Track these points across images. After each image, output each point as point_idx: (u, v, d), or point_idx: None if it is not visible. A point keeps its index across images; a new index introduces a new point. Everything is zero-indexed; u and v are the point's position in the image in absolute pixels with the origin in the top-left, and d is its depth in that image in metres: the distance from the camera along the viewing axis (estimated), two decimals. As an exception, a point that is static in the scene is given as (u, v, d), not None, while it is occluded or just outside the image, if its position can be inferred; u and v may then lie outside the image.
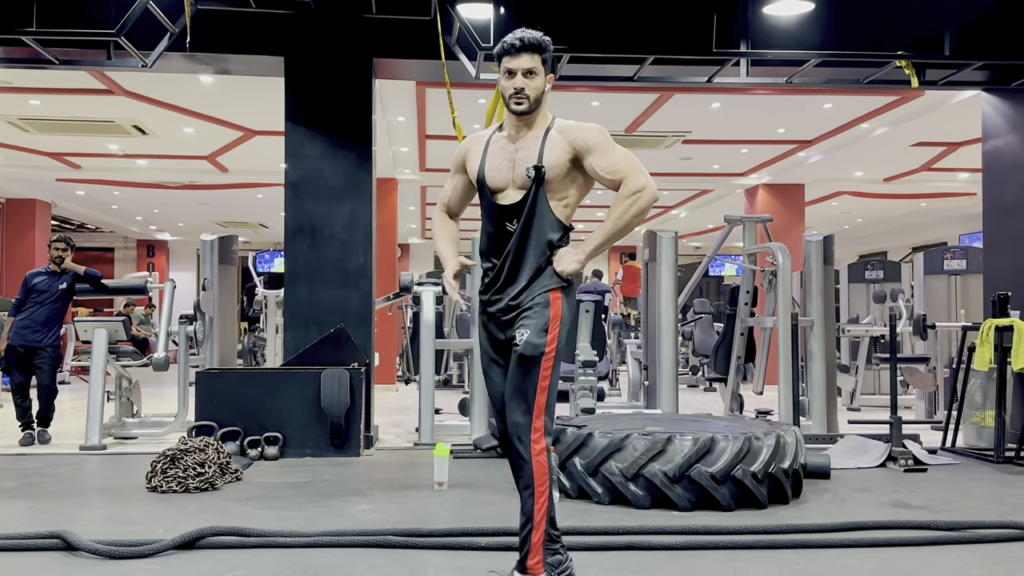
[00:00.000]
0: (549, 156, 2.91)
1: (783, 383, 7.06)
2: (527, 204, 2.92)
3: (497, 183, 2.98)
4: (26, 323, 7.27)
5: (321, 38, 6.94)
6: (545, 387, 2.87)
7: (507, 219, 2.96)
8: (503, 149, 2.99)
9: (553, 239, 2.95)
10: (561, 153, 2.92)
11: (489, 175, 2.98)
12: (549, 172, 2.90)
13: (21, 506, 4.73)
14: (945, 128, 10.60)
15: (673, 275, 7.67)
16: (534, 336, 2.87)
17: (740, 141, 11.71)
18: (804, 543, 3.88)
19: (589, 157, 2.93)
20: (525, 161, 2.92)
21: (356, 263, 6.90)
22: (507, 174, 2.96)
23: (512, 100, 2.93)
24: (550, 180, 2.92)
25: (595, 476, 4.76)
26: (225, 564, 3.55)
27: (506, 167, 2.96)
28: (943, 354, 8.72)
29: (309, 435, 6.41)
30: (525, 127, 2.98)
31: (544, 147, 2.92)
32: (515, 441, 2.86)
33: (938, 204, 16.40)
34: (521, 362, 2.88)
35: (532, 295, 2.93)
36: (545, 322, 2.88)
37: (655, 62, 6.81)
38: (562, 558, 3.05)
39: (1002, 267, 7.62)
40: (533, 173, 2.89)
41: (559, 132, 2.95)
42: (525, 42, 2.91)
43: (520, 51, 2.92)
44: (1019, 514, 4.45)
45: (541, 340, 2.87)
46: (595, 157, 2.92)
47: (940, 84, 7.27)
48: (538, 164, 2.89)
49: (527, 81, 2.91)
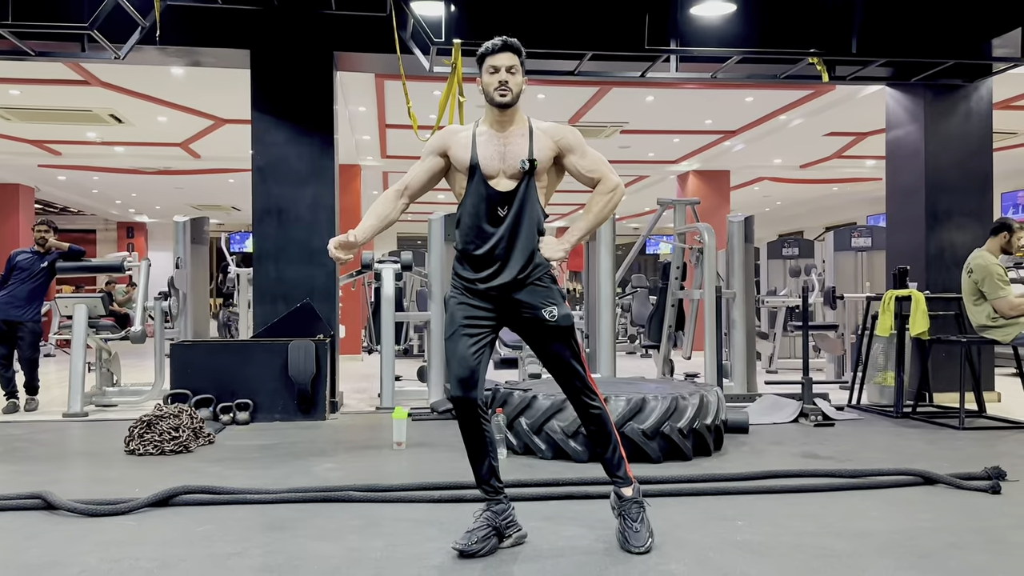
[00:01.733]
0: (539, 152, 3.03)
1: (708, 349, 7.16)
2: (520, 192, 3.01)
3: (489, 171, 3.02)
4: (8, 299, 7.08)
5: (284, 32, 6.80)
6: (580, 347, 3.09)
7: (499, 204, 3.02)
8: (491, 141, 3.05)
9: (541, 222, 3.07)
10: (547, 150, 3.05)
11: (483, 163, 3.02)
12: (539, 165, 3.03)
13: (5, 469, 4.61)
14: (854, 120, 10.77)
15: (612, 253, 7.69)
16: (563, 309, 3.04)
17: (672, 131, 11.77)
18: (724, 490, 3.94)
19: (571, 156, 3.09)
20: (515, 154, 3.01)
21: (320, 243, 6.80)
22: (498, 164, 3.02)
23: (497, 92, 2.99)
24: (538, 172, 3.04)
25: (539, 434, 4.79)
26: (197, 519, 3.50)
27: (497, 157, 3.02)
28: (850, 322, 8.90)
29: (278, 401, 6.34)
30: (508, 123, 3.05)
31: (533, 143, 3.03)
32: (585, 399, 3.08)
33: (848, 188, 16.69)
34: (559, 333, 3.03)
35: (538, 274, 3.04)
36: (564, 296, 3.09)
37: (593, 58, 6.80)
38: (505, 506, 3.08)
39: (902, 244, 7.79)
40: (527, 165, 2.99)
41: (542, 132, 3.07)
42: (507, 43, 3.03)
43: (503, 50, 3.02)
44: (913, 462, 4.57)
45: (569, 311, 3.07)
46: (577, 156, 3.09)
47: (848, 79, 7.37)
48: (531, 158, 3.00)
49: (510, 76, 3.00)
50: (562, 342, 3.04)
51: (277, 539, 3.21)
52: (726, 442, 5.15)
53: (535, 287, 3.03)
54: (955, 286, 7.07)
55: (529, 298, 3.02)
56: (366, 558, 2.97)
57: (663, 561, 2.92)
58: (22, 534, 3.30)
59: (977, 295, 6.04)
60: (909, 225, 7.70)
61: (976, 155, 7.55)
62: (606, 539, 3.17)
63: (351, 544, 3.13)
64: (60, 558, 2.98)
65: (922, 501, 3.79)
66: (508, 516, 3.08)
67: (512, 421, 4.91)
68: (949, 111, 7.54)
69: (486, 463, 3.05)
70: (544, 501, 3.77)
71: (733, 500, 3.81)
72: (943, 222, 7.51)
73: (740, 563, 2.90)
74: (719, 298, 7.23)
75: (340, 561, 2.94)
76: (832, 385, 8.37)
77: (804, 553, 3.01)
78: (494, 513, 3.05)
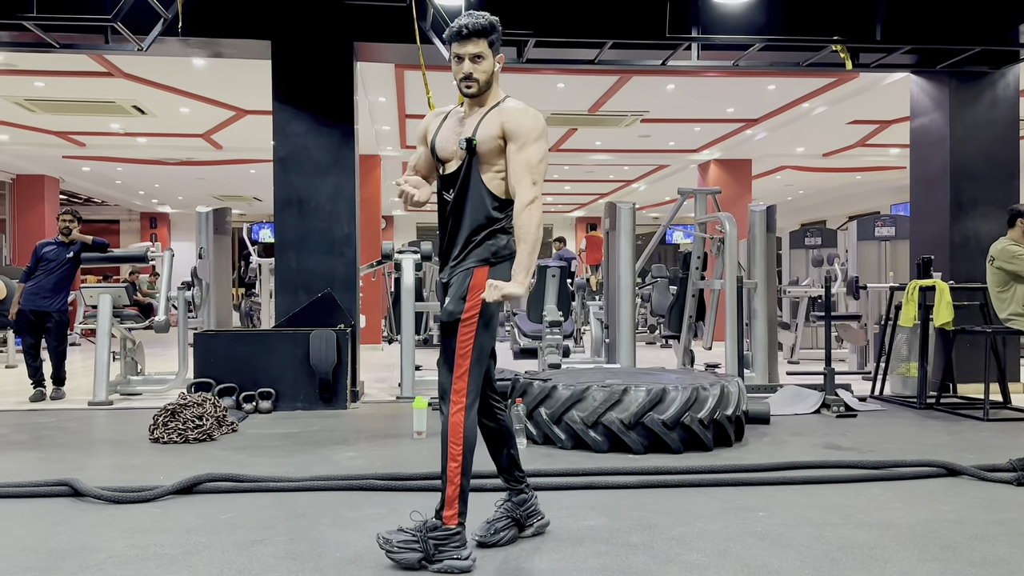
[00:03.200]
0: (482, 131, 2.82)
1: (729, 339, 7.12)
2: (460, 173, 2.84)
3: (445, 154, 2.91)
4: (35, 289, 7.17)
5: (305, 23, 6.82)
6: (465, 352, 2.76)
7: (446, 188, 2.90)
8: (454, 123, 2.93)
9: (490, 209, 2.82)
10: (492, 130, 2.81)
11: (439, 146, 2.92)
12: (481, 146, 2.81)
13: (33, 457, 4.69)
14: (878, 107, 10.64)
15: (631, 243, 7.67)
16: (451, 304, 2.80)
17: (693, 120, 11.68)
18: (744, 481, 3.93)
19: (510, 144, 2.80)
20: (465, 135, 2.85)
21: (341, 233, 6.85)
22: (453, 146, 2.89)
23: (463, 84, 2.84)
24: (482, 153, 2.82)
25: (559, 424, 4.79)
26: (221, 507, 3.55)
27: (453, 139, 2.89)
28: (873, 312, 8.83)
29: (300, 390, 6.40)
30: (477, 105, 2.90)
31: (481, 123, 2.84)
32: (440, 399, 2.81)
33: (872, 177, 16.51)
34: (441, 328, 2.87)
35: (464, 267, 2.83)
36: (464, 290, 2.78)
37: (614, 46, 6.77)
38: (527, 496, 3.08)
39: (927, 233, 7.70)
40: (465, 145, 2.81)
41: (499, 111, 2.85)
42: (471, 28, 2.79)
43: (467, 38, 2.80)
44: (936, 454, 4.54)
45: (457, 307, 2.78)
46: (513, 146, 2.79)
47: (872, 67, 7.28)
48: (470, 137, 2.81)
49: (475, 66, 2.82)
50: (443, 336, 2.84)
51: (299, 526, 3.25)
52: (747, 433, 5.13)
53: (459, 276, 2.83)
54: (980, 276, 6.99)
55: (451, 289, 2.86)
56: (387, 546, 2.99)
57: (684, 552, 2.92)
58: (50, 520, 3.36)
59: (1001, 285, 5.96)
60: (934, 214, 7.61)
61: (1002, 143, 7.44)
62: (626, 528, 3.18)
63: (372, 532, 3.15)
64: (88, 544, 3.03)
65: (945, 493, 3.76)
66: (529, 506, 3.08)
67: (532, 411, 4.92)
68: (975, 98, 7.43)
69: (504, 452, 3.03)
70: (564, 491, 3.78)
71: (754, 491, 3.80)
72: (968, 211, 7.42)
73: (761, 554, 2.90)
74: (740, 288, 7.19)
75: (362, 548, 2.96)
76: (855, 376, 8.31)
77: (826, 544, 3.00)
78: (514, 504, 3.05)
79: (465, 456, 2.75)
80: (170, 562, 2.83)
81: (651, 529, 3.18)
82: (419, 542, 2.72)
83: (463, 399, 2.75)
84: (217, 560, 2.86)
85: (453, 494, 2.73)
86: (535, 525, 3.09)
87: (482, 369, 2.82)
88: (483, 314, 2.78)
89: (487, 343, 2.83)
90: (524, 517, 3.07)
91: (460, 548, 2.72)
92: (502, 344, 11.79)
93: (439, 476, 2.87)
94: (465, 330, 2.77)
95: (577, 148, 13.81)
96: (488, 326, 2.81)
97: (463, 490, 2.75)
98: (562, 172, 16.54)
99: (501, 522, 3.01)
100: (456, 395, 2.76)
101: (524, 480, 3.10)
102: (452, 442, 2.73)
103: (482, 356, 2.81)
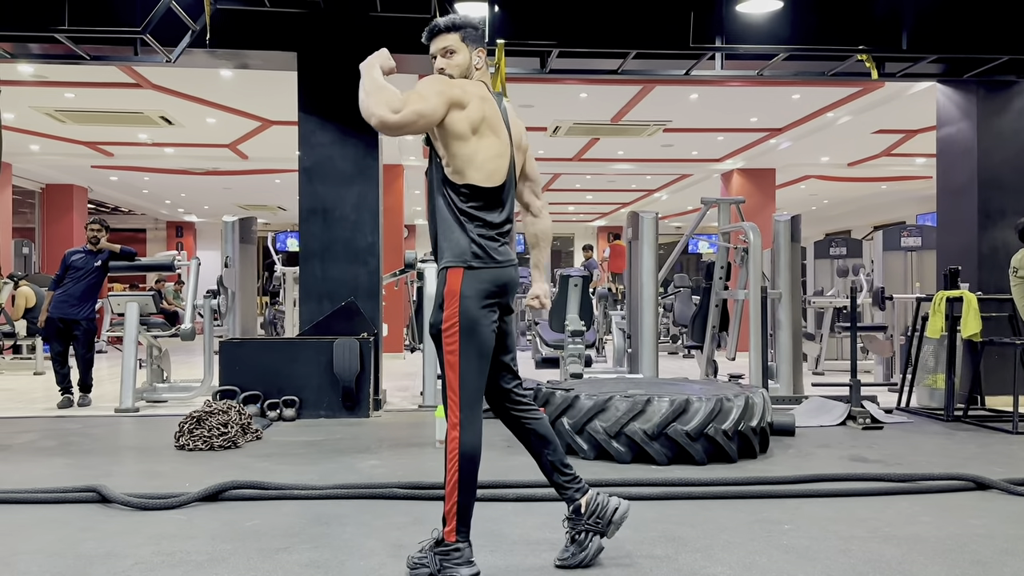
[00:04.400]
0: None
1: (753, 350, 7.06)
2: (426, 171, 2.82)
3: None
4: (64, 297, 7.26)
5: (331, 35, 6.88)
6: (452, 362, 2.64)
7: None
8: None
9: (448, 198, 2.71)
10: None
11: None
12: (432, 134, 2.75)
13: (60, 463, 4.74)
14: (903, 117, 10.55)
15: (654, 252, 7.64)
16: (432, 314, 2.73)
17: (716, 129, 11.65)
18: (769, 493, 3.90)
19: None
20: None
21: (365, 242, 6.88)
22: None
23: None
24: (434, 141, 2.76)
25: (581, 434, 4.78)
26: (246, 514, 3.57)
27: None
28: (899, 323, 8.73)
29: (323, 398, 6.43)
30: None
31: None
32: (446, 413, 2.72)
33: (897, 187, 16.36)
34: (432, 339, 2.76)
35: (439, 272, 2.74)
36: (441, 299, 2.68)
37: (637, 56, 6.76)
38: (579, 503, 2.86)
39: (953, 244, 7.62)
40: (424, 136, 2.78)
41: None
42: (438, 27, 2.83)
43: (434, 36, 2.84)
44: (965, 467, 4.48)
45: (437, 317, 2.69)
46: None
47: (898, 76, 7.22)
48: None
49: (447, 60, 2.82)
50: (437, 347, 2.73)
51: (323, 534, 3.26)
52: (772, 444, 5.09)
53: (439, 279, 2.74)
54: (1008, 287, 6.89)
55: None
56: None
57: (709, 564, 2.90)
58: (78, 526, 3.39)
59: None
60: (960, 224, 7.53)
61: (1031, 153, 7.35)
62: (650, 541, 3.16)
63: (396, 540, 3.16)
64: (115, 550, 3.06)
65: (974, 507, 3.70)
66: (591, 511, 2.83)
67: (554, 421, 4.90)
68: (1002, 108, 7.35)
69: (542, 459, 2.88)
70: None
71: (780, 503, 3.77)
72: (996, 221, 7.33)
73: (787, 567, 2.87)
74: (764, 298, 7.14)
75: (385, 556, 2.97)
76: (881, 387, 8.22)
77: (852, 558, 2.97)
78: (569, 521, 2.87)
79: (461, 471, 2.63)
80: (196, 568, 2.85)
81: (675, 541, 3.16)
82: (427, 557, 2.69)
83: (456, 414, 2.65)
84: (242, 567, 2.87)
85: (450, 510, 2.66)
86: (613, 518, 2.83)
87: (476, 379, 2.67)
88: (465, 324, 2.65)
89: (474, 351, 2.67)
90: (587, 528, 2.84)
91: (460, 565, 2.64)
92: (523, 353, 11.78)
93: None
94: (447, 340, 2.66)
95: (599, 158, 13.81)
96: (473, 333, 2.67)
97: (460, 506, 2.65)
98: (584, 182, 16.53)
99: (567, 551, 2.86)
100: (449, 409, 2.66)
101: (572, 484, 2.86)
102: (448, 457, 2.65)
103: (471, 366, 2.65)
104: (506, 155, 2.79)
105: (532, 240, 3.07)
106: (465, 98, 2.71)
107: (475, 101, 2.73)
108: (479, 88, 2.80)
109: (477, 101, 2.73)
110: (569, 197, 19.16)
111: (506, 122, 2.83)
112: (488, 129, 2.73)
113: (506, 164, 2.79)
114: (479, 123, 2.71)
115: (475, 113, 2.71)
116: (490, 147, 2.73)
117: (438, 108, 2.66)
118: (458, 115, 2.69)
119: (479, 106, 2.73)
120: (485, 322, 2.69)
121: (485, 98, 2.78)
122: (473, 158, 2.70)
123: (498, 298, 2.73)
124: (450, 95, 2.69)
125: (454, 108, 2.69)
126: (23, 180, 14.60)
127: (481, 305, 2.67)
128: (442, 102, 2.66)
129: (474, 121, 2.70)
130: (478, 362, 2.68)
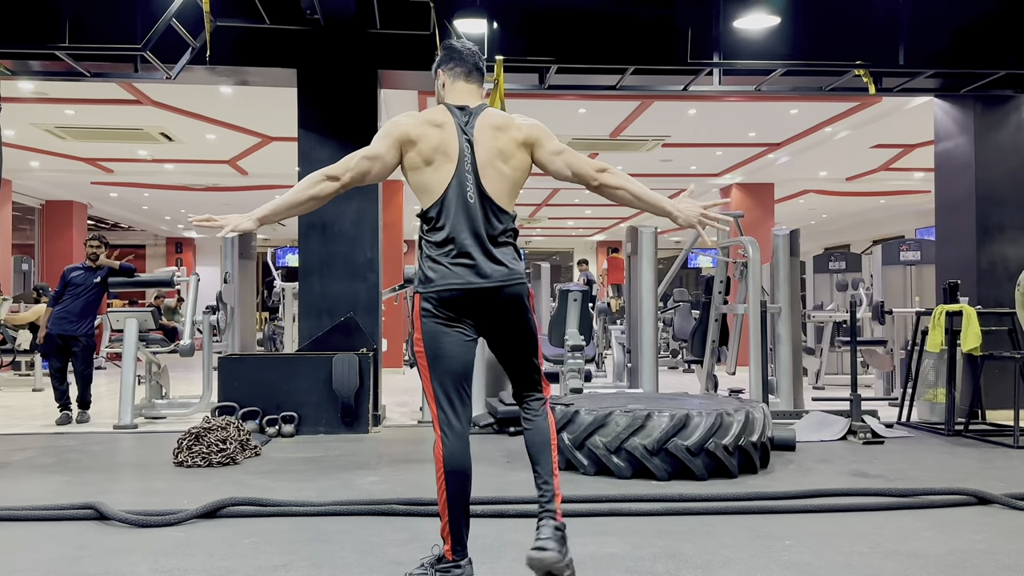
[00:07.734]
0: None
1: (753, 364, 7.05)
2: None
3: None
4: (63, 314, 7.26)
5: (330, 52, 6.91)
6: (424, 379, 2.74)
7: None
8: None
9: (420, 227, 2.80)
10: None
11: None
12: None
13: (59, 480, 4.72)
14: (901, 131, 10.59)
15: (653, 267, 7.66)
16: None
17: (715, 144, 11.69)
18: (770, 508, 3.89)
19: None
20: None
21: (364, 257, 6.89)
22: None
23: None
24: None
25: (581, 450, 4.76)
26: (244, 531, 3.55)
27: None
28: (899, 337, 8.72)
29: (322, 414, 6.41)
30: None
31: None
32: None
33: (896, 201, 16.40)
34: None
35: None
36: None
37: (635, 72, 6.80)
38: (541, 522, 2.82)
39: (952, 258, 7.63)
40: None
41: None
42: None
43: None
44: (966, 481, 4.46)
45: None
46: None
47: (895, 91, 7.25)
48: None
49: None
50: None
51: (322, 551, 3.24)
52: (772, 459, 5.07)
53: None
54: (1008, 301, 6.89)
55: None
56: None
57: (709, 580, 2.88)
58: (75, 544, 3.38)
59: (1031, 310, 5.88)
60: (959, 238, 7.54)
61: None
62: (651, 557, 3.15)
63: (394, 557, 3.14)
64: (112, 568, 3.05)
65: (976, 521, 3.69)
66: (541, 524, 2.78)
67: (554, 436, 4.89)
68: (1000, 123, 7.38)
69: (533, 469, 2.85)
70: (587, 518, 3.74)
71: (780, 519, 3.75)
72: (995, 235, 7.35)
73: (788, 583, 2.85)
74: (764, 313, 7.14)
75: (384, 574, 2.95)
76: (881, 402, 8.20)
77: (854, 574, 2.95)
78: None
79: (448, 488, 2.68)
80: (194, 586, 2.84)
81: (676, 558, 3.15)
82: (427, 574, 2.71)
83: (436, 428, 2.72)
84: (240, 585, 2.86)
85: (443, 529, 2.71)
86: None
87: (446, 394, 2.70)
88: (426, 344, 2.72)
89: (442, 367, 2.70)
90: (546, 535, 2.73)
91: None
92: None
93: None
94: (418, 362, 2.77)
95: (598, 173, 13.81)
96: (437, 350, 2.69)
97: (451, 524, 2.69)
98: (583, 196, 16.56)
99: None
100: (433, 428, 2.74)
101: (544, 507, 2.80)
102: (436, 475, 2.73)
103: (439, 381, 2.70)
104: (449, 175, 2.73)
105: (626, 198, 3.01)
106: (413, 132, 2.75)
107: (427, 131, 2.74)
108: (436, 114, 2.80)
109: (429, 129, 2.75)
110: (568, 212, 19.20)
111: (468, 137, 2.75)
112: (442, 156, 2.74)
113: (444, 182, 2.73)
114: (432, 154, 2.74)
115: (426, 145, 2.73)
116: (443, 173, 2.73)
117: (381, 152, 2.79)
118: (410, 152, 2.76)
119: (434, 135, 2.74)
120: (446, 339, 2.71)
121: (442, 124, 2.77)
122: (425, 186, 2.75)
123: (454, 313, 2.70)
124: (394, 136, 2.77)
125: (404, 146, 2.76)
126: (23, 196, 14.63)
127: (437, 322, 2.70)
128: (384, 146, 2.78)
129: (426, 154, 2.74)
130: (449, 378, 2.71)
